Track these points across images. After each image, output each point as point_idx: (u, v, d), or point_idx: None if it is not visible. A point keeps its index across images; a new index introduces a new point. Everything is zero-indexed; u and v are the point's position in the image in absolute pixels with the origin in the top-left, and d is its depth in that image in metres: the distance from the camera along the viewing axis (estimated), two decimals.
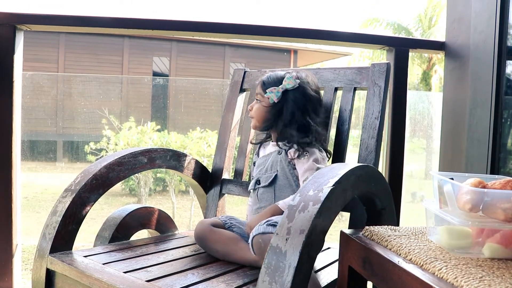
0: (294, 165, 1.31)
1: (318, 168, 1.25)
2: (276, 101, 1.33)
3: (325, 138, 1.37)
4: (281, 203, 1.22)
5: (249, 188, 1.39)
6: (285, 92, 1.34)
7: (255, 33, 1.88)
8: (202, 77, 10.39)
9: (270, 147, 1.39)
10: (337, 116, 1.45)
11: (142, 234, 1.48)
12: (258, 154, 1.44)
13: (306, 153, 1.29)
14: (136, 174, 4.84)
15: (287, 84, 1.34)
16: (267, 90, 1.35)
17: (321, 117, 1.37)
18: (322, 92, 1.46)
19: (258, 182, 1.35)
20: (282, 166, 1.31)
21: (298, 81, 1.34)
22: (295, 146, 1.30)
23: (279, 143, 1.34)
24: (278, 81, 1.36)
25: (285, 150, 1.32)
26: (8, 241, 1.66)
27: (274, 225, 1.12)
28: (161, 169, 1.47)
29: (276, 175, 1.31)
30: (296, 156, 1.29)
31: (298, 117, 1.32)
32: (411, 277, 0.73)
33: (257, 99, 1.39)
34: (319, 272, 1.18)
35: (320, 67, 1.63)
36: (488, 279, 0.67)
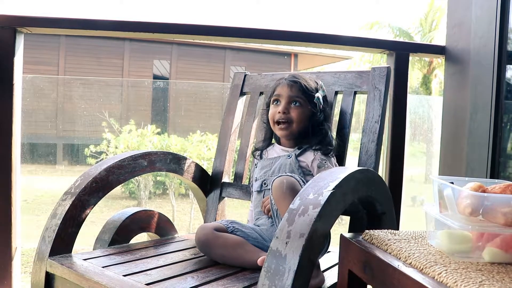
0: (306, 170, 1.31)
1: None
2: (321, 108, 1.36)
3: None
4: None
5: (255, 189, 1.37)
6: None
7: (256, 36, 1.89)
8: (203, 80, 10.39)
9: (278, 150, 1.39)
10: (337, 120, 1.45)
11: (141, 238, 1.48)
12: (261, 157, 1.44)
13: (325, 162, 1.30)
14: (136, 177, 4.84)
15: (322, 91, 1.38)
16: (316, 95, 1.35)
17: (331, 122, 1.41)
18: None
19: (264, 183, 1.34)
20: (291, 170, 1.30)
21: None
22: (318, 153, 1.31)
23: (298, 147, 1.35)
24: (314, 87, 1.37)
25: (295, 154, 1.32)
26: (7, 244, 1.65)
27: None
28: (161, 172, 1.47)
29: None
30: (316, 165, 1.30)
31: (325, 123, 1.36)
32: (411, 281, 0.73)
33: (297, 103, 1.34)
34: None
35: (320, 71, 1.63)
36: (488, 283, 0.67)
